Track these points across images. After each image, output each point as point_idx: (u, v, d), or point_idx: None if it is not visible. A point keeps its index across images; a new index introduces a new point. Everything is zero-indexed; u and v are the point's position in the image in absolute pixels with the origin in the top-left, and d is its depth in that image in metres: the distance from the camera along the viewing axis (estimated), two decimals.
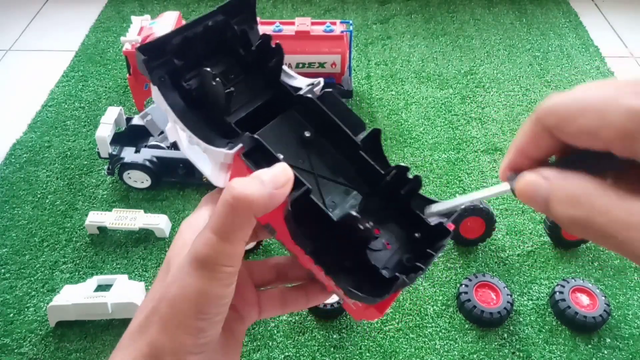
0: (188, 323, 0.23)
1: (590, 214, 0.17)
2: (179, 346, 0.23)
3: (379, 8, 1.53)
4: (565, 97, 0.18)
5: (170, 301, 0.23)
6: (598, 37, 1.45)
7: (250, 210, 0.22)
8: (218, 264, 0.22)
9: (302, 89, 0.29)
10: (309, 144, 0.29)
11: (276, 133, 0.28)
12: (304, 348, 0.81)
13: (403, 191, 0.28)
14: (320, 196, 0.27)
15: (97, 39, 1.41)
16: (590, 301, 0.84)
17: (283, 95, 0.29)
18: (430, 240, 0.27)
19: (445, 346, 0.81)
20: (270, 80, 0.30)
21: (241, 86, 0.30)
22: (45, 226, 0.96)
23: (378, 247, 0.27)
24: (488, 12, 1.53)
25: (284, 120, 0.29)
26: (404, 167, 0.28)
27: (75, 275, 0.89)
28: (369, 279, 0.26)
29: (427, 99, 1.24)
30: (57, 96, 1.23)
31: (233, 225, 0.22)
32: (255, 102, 0.29)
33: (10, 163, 1.08)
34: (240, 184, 0.22)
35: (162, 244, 0.94)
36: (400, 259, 0.27)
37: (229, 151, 0.26)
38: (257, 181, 0.23)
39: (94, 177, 1.05)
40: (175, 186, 1.03)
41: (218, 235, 0.22)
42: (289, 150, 0.28)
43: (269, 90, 0.30)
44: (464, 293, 0.84)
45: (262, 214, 0.23)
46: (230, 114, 0.28)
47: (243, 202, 0.22)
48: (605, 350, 0.81)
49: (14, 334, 0.82)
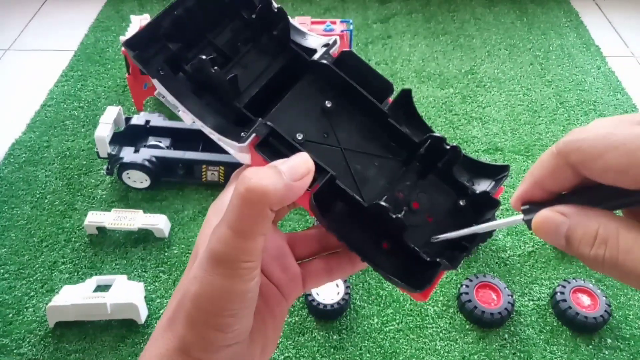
0: (214, 321, 0.22)
1: (615, 252, 0.17)
2: (207, 342, 0.22)
3: (379, 7, 1.53)
4: (590, 134, 0.18)
5: (193, 299, 0.22)
6: (599, 37, 1.44)
7: (266, 203, 0.21)
8: (237, 260, 0.21)
9: (316, 51, 0.26)
10: (331, 115, 0.26)
11: (294, 107, 0.25)
12: (303, 349, 0.80)
13: (440, 164, 0.25)
14: (349, 173, 0.25)
15: (96, 38, 1.41)
16: (591, 302, 0.84)
17: (297, 60, 0.26)
18: (477, 210, 0.25)
19: (446, 347, 0.81)
20: (281, 46, 0.27)
21: (251, 56, 0.27)
22: (44, 226, 0.96)
23: (418, 223, 0.25)
24: (489, 11, 1.53)
25: (301, 91, 0.26)
26: (438, 137, 0.25)
27: (75, 276, 0.89)
28: (409, 262, 0.24)
29: (428, 99, 1.24)
30: (56, 96, 1.23)
31: (249, 219, 0.21)
32: (268, 74, 0.26)
33: (9, 163, 1.07)
34: (255, 175, 0.21)
35: (162, 244, 0.93)
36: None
37: (242, 144, 0.24)
38: (273, 171, 0.21)
39: (93, 177, 1.05)
40: (174, 186, 1.03)
41: (233, 231, 0.21)
42: (310, 125, 0.25)
43: (282, 56, 0.27)
44: (465, 293, 0.84)
45: (279, 206, 0.21)
46: (239, 94, 0.26)
47: (258, 195, 0.20)
48: (606, 351, 0.81)
49: (13, 334, 0.82)
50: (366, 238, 0.24)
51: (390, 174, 0.25)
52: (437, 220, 0.25)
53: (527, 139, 1.15)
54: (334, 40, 0.26)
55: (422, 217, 0.25)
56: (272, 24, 0.26)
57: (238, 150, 0.25)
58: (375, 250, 0.24)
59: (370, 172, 0.25)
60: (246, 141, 0.24)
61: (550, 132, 1.16)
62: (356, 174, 0.25)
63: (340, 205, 0.24)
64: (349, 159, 0.25)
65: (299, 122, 0.25)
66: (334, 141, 0.25)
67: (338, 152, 0.25)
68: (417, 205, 0.25)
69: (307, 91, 0.26)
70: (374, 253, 0.24)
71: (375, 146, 0.26)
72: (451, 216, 0.25)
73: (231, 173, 1.07)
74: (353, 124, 0.26)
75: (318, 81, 0.26)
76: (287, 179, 0.21)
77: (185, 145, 1.04)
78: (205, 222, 0.26)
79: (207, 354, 0.23)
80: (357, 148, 0.25)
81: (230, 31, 0.27)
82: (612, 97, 1.26)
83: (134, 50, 0.25)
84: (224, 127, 0.25)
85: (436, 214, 0.25)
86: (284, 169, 0.21)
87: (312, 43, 0.26)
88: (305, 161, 0.22)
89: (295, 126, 0.25)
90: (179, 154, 1.01)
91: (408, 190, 0.25)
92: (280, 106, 0.25)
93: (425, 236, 0.24)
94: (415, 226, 0.24)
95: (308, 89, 0.26)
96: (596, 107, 1.23)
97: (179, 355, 0.23)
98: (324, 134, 0.25)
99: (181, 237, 0.95)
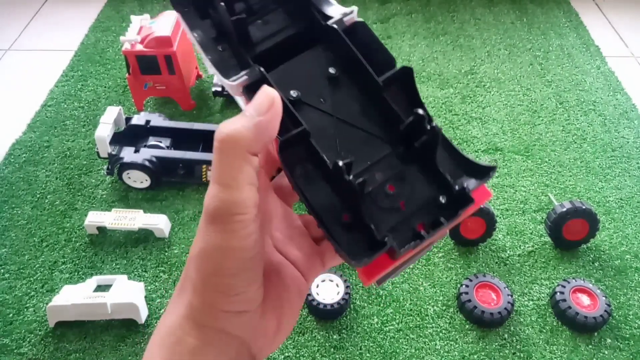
0: (213, 281, 0.22)
1: None
2: (211, 306, 0.22)
3: (379, 7, 1.53)
4: None
5: (194, 262, 0.22)
6: (599, 37, 1.45)
7: (238, 147, 0.21)
8: (228, 214, 0.21)
9: (333, 17, 0.26)
10: (334, 82, 0.26)
11: (301, 67, 0.26)
12: (303, 349, 0.80)
13: (417, 144, 0.24)
14: (335, 142, 0.24)
15: (96, 38, 1.41)
16: (591, 301, 0.84)
17: (313, 25, 0.26)
18: (455, 208, 0.23)
19: (446, 347, 0.81)
20: (301, 9, 0.27)
21: (276, 15, 0.27)
22: (45, 226, 0.96)
23: (387, 206, 0.24)
24: (488, 11, 1.53)
25: (312, 54, 0.26)
26: (420, 115, 0.23)
27: (75, 276, 0.89)
28: (363, 238, 0.23)
29: (428, 99, 1.24)
30: (56, 96, 1.23)
31: (230, 168, 0.21)
32: (284, 34, 0.27)
33: (10, 163, 1.08)
34: (223, 125, 0.21)
35: (162, 244, 0.93)
36: (412, 224, 0.24)
37: (232, 83, 0.24)
38: (241, 115, 0.21)
39: (94, 177, 1.05)
40: (174, 186, 1.03)
41: (220, 184, 0.21)
42: (310, 88, 0.25)
43: (302, 20, 0.27)
44: (465, 293, 0.84)
45: (256, 148, 0.21)
46: (247, 44, 0.26)
47: (229, 142, 0.21)
48: (606, 351, 0.81)
49: (14, 334, 0.82)
50: (329, 205, 0.24)
51: (374, 151, 0.25)
52: (411, 209, 0.24)
53: (527, 139, 1.15)
54: (352, 10, 0.26)
55: (394, 201, 0.24)
56: None
57: (229, 88, 0.25)
58: (333, 219, 0.23)
59: (355, 146, 0.25)
60: (236, 80, 0.24)
61: (550, 132, 1.17)
62: (341, 145, 0.25)
63: (311, 167, 0.24)
64: (339, 128, 0.25)
65: (300, 82, 0.25)
66: (328, 108, 0.25)
67: (330, 119, 0.25)
68: (392, 188, 0.24)
69: (317, 55, 0.26)
70: (332, 222, 0.23)
71: (368, 121, 0.25)
72: (426, 210, 0.24)
73: None
74: (352, 95, 0.26)
75: (329, 47, 0.26)
76: (255, 117, 0.21)
77: (185, 145, 1.05)
78: None
79: (213, 320, 0.22)
80: (349, 119, 0.25)
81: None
82: (611, 97, 1.26)
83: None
84: (228, 69, 0.25)
85: (410, 203, 0.24)
86: (249, 109, 0.21)
87: (333, 12, 0.27)
88: (265, 94, 0.22)
89: (294, 84, 0.25)
90: (179, 154, 1.01)
91: (388, 171, 0.24)
92: (288, 64, 0.26)
93: (392, 221, 0.24)
94: (384, 208, 0.24)
95: (319, 54, 0.26)
96: (596, 107, 1.23)
97: (187, 323, 0.23)
98: (321, 99, 0.25)
99: (181, 237, 0.95)
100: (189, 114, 1.19)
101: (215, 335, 0.23)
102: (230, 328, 0.23)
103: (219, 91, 1.17)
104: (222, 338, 0.23)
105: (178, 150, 1.03)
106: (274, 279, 0.25)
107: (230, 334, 0.23)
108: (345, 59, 0.26)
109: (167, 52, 1.06)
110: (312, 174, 0.24)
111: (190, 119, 1.17)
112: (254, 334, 0.23)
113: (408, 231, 0.23)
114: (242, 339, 0.23)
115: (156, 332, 0.24)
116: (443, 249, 0.94)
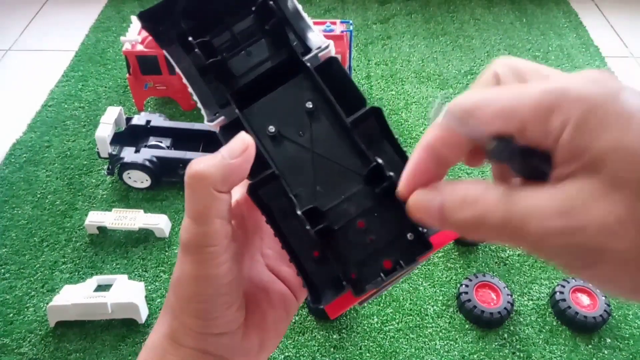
0: (189, 307, 0.23)
1: (481, 211, 0.17)
2: (188, 329, 0.24)
3: (379, 8, 1.53)
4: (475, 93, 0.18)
5: (172, 288, 0.24)
6: (598, 37, 1.45)
7: (207, 185, 0.22)
8: (199, 245, 0.22)
9: (311, 51, 0.27)
10: (312, 116, 0.26)
11: (281, 100, 0.27)
12: (304, 348, 0.80)
13: (377, 189, 0.25)
14: (311, 176, 0.25)
15: (97, 38, 1.41)
16: (591, 301, 0.84)
17: (293, 58, 0.27)
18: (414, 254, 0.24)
19: (446, 346, 0.81)
20: (282, 40, 0.27)
21: (260, 46, 0.28)
22: (45, 226, 0.96)
23: (357, 241, 0.25)
24: (488, 12, 1.53)
25: (291, 87, 0.27)
26: (378, 164, 0.24)
27: (75, 275, 0.89)
28: (330, 276, 0.24)
29: (428, 99, 1.24)
30: (57, 96, 1.23)
31: (198, 204, 0.22)
32: (264, 66, 0.27)
33: (10, 163, 1.08)
34: (195, 162, 0.22)
35: (162, 244, 0.94)
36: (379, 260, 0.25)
37: (210, 123, 0.26)
38: (213, 155, 0.23)
39: (94, 177, 1.05)
40: (175, 186, 1.03)
41: (190, 218, 0.23)
42: (290, 121, 0.26)
43: (283, 51, 0.28)
44: (464, 293, 0.84)
45: (225, 187, 0.22)
46: (226, 81, 0.27)
47: (198, 179, 0.22)
48: (606, 351, 0.81)
49: (14, 334, 0.82)
50: (300, 241, 0.25)
51: (349, 185, 0.26)
52: (379, 245, 0.25)
53: None
54: (327, 45, 0.27)
55: (363, 237, 0.25)
56: (267, 19, 0.27)
57: (209, 127, 0.26)
58: (305, 255, 0.25)
59: (331, 179, 0.26)
60: (213, 121, 0.26)
61: None
62: (317, 178, 0.26)
63: (284, 203, 0.25)
64: (316, 161, 0.26)
65: (279, 115, 0.26)
66: (306, 141, 0.26)
67: (307, 152, 0.26)
68: (362, 224, 0.25)
69: (296, 88, 0.27)
70: (304, 257, 0.25)
71: (343, 155, 0.26)
72: (394, 246, 0.25)
73: None
74: (328, 129, 0.27)
75: (308, 79, 0.27)
76: (226, 159, 0.22)
77: (185, 145, 1.05)
78: None
79: (193, 341, 0.24)
80: (326, 153, 0.26)
81: (247, 22, 0.28)
82: None
83: (145, 22, 0.27)
84: (207, 102, 0.27)
85: (379, 239, 0.25)
86: (223, 151, 0.23)
87: (312, 42, 0.27)
88: (241, 139, 0.23)
89: (273, 118, 0.26)
90: (180, 154, 1.01)
91: (360, 206, 0.25)
92: (268, 97, 0.27)
93: (360, 256, 0.25)
94: (354, 243, 0.25)
95: (298, 87, 0.27)
96: None
97: (168, 342, 0.24)
98: (300, 131, 0.26)
99: None
100: (189, 114, 1.19)
101: (195, 354, 0.24)
102: (211, 348, 0.24)
103: None
104: (201, 357, 0.24)
105: (178, 150, 1.03)
106: (260, 297, 0.26)
107: (210, 354, 0.24)
108: (319, 94, 0.27)
109: None
110: (286, 211, 0.25)
111: (190, 119, 1.17)
112: (234, 353, 0.25)
113: (376, 267, 0.25)
114: (224, 358, 0.24)
115: (144, 347, 0.25)
116: (443, 249, 0.94)
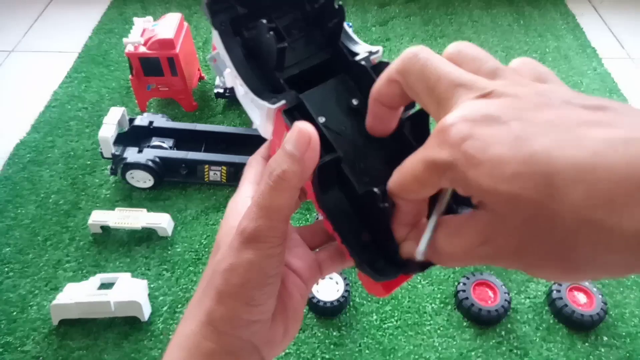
0: (240, 292, 0.25)
1: None
2: (235, 315, 0.25)
3: (378, 10, 1.54)
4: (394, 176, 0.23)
5: (222, 274, 0.25)
6: (595, 39, 1.46)
7: (291, 186, 0.24)
8: (265, 237, 0.24)
9: (358, 54, 0.28)
10: (356, 113, 0.27)
11: (325, 96, 0.28)
12: (304, 345, 0.81)
13: None
14: (355, 165, 0.26)
15: (99, 40, 1.42)
16: (587, 299, 0.85)
17: (340, 58, 0.29)
18: None
19: (444, 343, 0.82)
20: (330, 41, 0.29)
21: (301, 42, 0.29)
22: (49, 225, 0.97)
23: None
24: (486, 14, 1.54)
25: (335, 84, 0.28)
26: None
27: (79, 274, 0.90)
28: (386, 254, 0.25)
29: None
30: (60, 97, 1.24)
31: (279, 202, 0.24)
32: (311, 61, 0.29)
33: (14, 163, 1.09)
34: (276, 161, 0.24)
35: (165, 243, 0.95)
36: None
37: (272, 106, 0.26)
38: (287, 155, 0.23)
39: (97, 177, 1.06)
40: (177, 186, 1.04)
41: (264, 210, 0.24)
42: (334, 115, 0.27)
43: (328, 51, 0.29)
44: (462, 291, 0.85)
45: (301, 185, 0.24)
46: (282, 69, 0.28)
47: (285, 179, 0.23)
48: (602, 349, 0.82)
49: (17, 332, 0.83)
50: (352, 224, 0.26)
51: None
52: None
53: None
54: (378, 50, 0.28)
55: None
56: (329, 17, 0.28)
57: (266, 113, 0.27)
58: (354, 239, 0.26)
59: (374, 173, 0.26)
60: (276, 104, 0.26)
61: None
62: (361, 171, 0.26)
63: (337, 190, 0.26)
64: (360, 153, 0.27)
65: (325, 109, 0.27)
66: (349, 136, 0.27)
67: (351, 147, 0.27)
68: None
69: (341, 86, 0.28)
70: (355, 240, 0.26)
71: (386, 151, 0.27)
72: None
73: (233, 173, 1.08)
74: None
75: (353, 79, 0.28)
76: (296, 154, 0.23)
77: (188, 145, 1.06)
78: (225, 220, 0.29)
79: (233, 328, 0.25)
80: (370, 148, 0.27)
81: (291, 17, 0.29)
82: (608, 98, 1.27)
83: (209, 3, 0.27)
84: (261, 91, 0.27)
85: None
86: (290, 148, 0.23)
87: (359, 49, 0.29)
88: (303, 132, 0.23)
89: (319, 110, 0.27)
90: (182, 154, 1.02)
91: None
92: (312, 91, 0.28)
93: None
94: None
95: (342, 84, 0.28)
96: None
97: (207, 329, 0.25)
98: (343, 126, 0.27)
99: (184, 235, 0.96)
100: (192, 115, 1.20)
101: (231, 340, 0.25)
102: (245, 335, 0.25)
103: (221, 93, 1.19)
104: (237, 343, 0.25)
105: (181, 150, 1.04)
106: (281, 288, 0.27)
107: (244, 340, 0.26)
108: (366, 94, 0.27)
109: (170, 54, 1.08)
110: (339, 197, 0.26)
111: (192, 119, 1.18)
112: (264, 339, 0.26)
113: None
114: (254, 344, 0.26)
115: (175, 335, 0.26)
116: None
